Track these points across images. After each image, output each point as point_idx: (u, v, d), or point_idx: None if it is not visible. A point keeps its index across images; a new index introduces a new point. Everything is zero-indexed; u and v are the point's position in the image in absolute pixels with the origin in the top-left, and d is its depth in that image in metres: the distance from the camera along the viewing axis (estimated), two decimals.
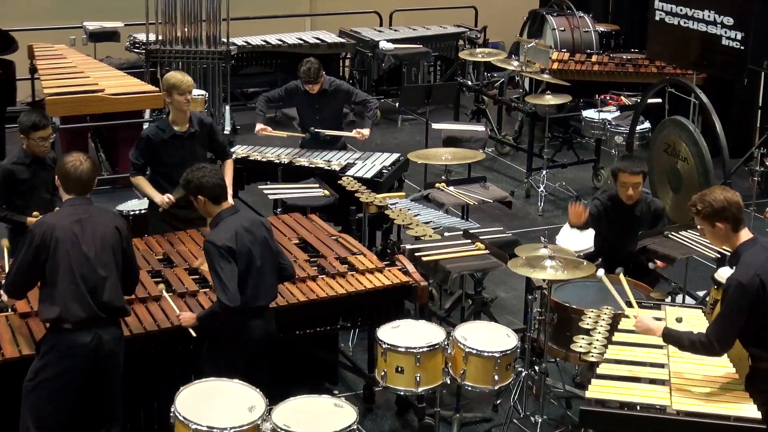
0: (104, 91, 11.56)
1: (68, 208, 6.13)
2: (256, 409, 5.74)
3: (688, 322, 6.41)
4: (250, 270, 6.36)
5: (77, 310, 5.89)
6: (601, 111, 11.55)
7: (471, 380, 6.68)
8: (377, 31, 15.30)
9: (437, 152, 9.73)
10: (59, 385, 5.96)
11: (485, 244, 7.70)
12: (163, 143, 8.09)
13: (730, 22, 12.14)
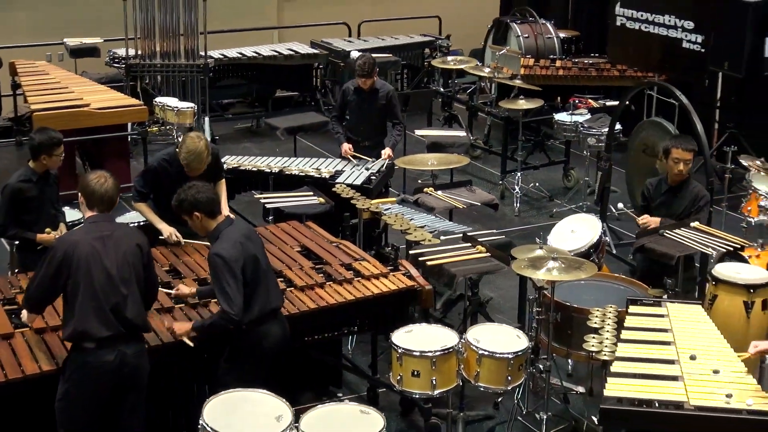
0: (90, 105, 11.35)
1: (90, 225, 5.89)
2: (284, 419, 5.53)
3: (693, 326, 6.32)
4: (259, 275, 6.23)
5: (100, 329, 5.67)
6: (572, 114, 11.43)
7: (484, 381, 6.54)
8: (347, 42, 15.15)
9: (423, 158, 9.59)
10: (87, 404, 5.76)
11: (486, 246, 7.55)
12: (169, 175, 7.80)
13: (690, 26, 12.10)
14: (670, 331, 6.35)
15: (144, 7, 12.85)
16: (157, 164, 7.92)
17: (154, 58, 13.04)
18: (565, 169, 12.15)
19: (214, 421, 5.47)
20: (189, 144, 7.59)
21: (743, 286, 6.84)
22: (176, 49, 13.06)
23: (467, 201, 8.95)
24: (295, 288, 6.99)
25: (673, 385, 5.74)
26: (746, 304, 6.80)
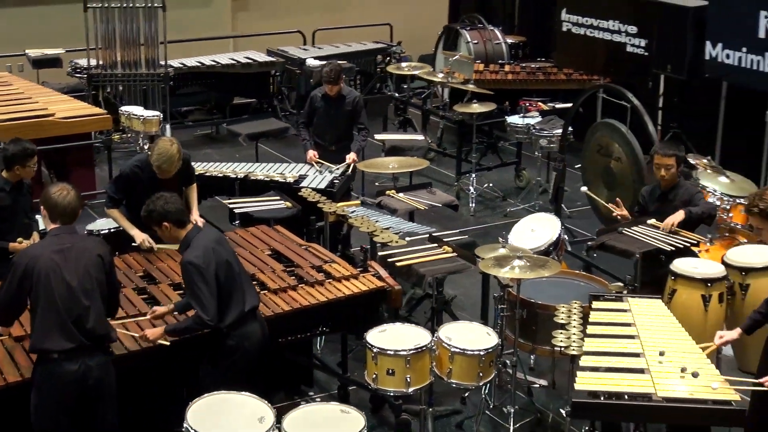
0: (54, 115, 11.14)
1: (52, 239, 5.74)
2: (266, 420, 5.45)
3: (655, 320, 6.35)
4: (234, 278, 6.15)
5: (62, 341, 5.53)
6: (524, 117, 11.44)
7: (457, 378, 6.48)
8: (303, 50, 15.05)
9: (384, 161, 9.54)
10: (54, 414, 5.61)
11: (452, 246, 7.52)
12: (140, 181, 7.69)
13: (634, 31, 12.20)
14: (634, 325, 6.37)
15: (105, 18, 12.69)
16: (129, 170, 7.78)
17: (115, 68, 12.89)
18: (516, 169, 12.16)
19: (198, 424, 5.37)
20: (161, 147, 7.50)
21: (701, 281, 6.84)
22: (137, 59, 12.92)
23: (428, 202, 8.91)
24: (269, 291, 6.92)
25: (641, 378, 5.75)
26: (704, 298, 6.81)
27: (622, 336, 6.22)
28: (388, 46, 15.40)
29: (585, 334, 6.28)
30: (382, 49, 15.35)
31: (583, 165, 9.75)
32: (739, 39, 10.90)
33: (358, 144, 9.74)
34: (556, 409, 7.32)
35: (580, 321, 6.47)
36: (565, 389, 7.53)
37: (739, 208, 8.72)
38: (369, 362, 6.42)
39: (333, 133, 9.80)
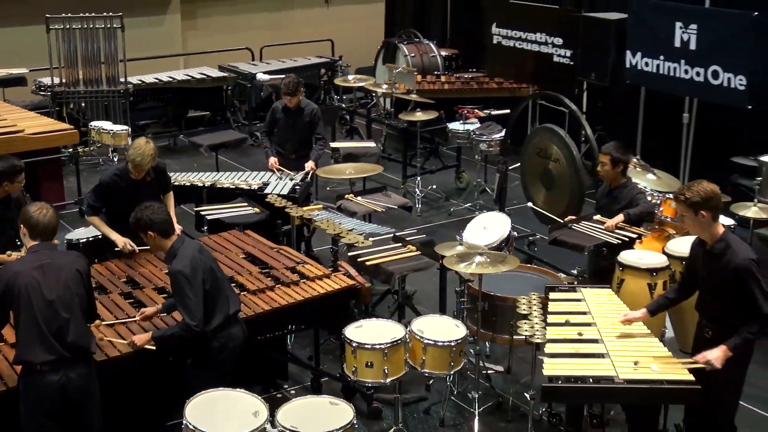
0: (24, 131, 10.84)
1: (31, 255, 5.57)
2: (260, 414, 5.35)
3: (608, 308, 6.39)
4: (219, 284, 6.06)
5: (43, 353, 5.37)
6: (465, 123, 11.44)
7: (429, 368, 6.43)
8: (253, 65, 14.90)
9: (341, 168, 9.44)
10: (41, 420, 5.45)
11: (416, 245, 7.46)
12: (120, 190, 7.53)
13: (560, 42, 12.27)
14: (590, 313, 6.39)
15: (66, 39, 12.41)
16: (109, 179, 7.60)
17: (77, 86, 12.62)
18: (457, 172, 12.13)
19: (197, 421, 5.26)
20: (137, 144, 7.47)
21: (646, 271, 6.88)
22: (98, 77, 12.66)
23: (385, 204, 8.86)
24: (248, 292, 6.80)
25: (602, 362, 5.76)
26: (650, 286, 6.85)
27: (581, 324, 6.23)
28: (332, 60, 15.30)
29: (546, 323, 6.28)
30: (325, 63, 15.24)
31: (523, 167, 9.74)
32: (657, 48, 10.99)
33: (316, 153, 9.64)
34: (514, 393, 7.31)
35: (540, 311, 6.46)
36: (520, 374, 7.57)
37: (668, 203, 8.75)
38: (348, 356, 6.34)
39: (293, 143, 9.69)
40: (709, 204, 5.58)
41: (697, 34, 10.58)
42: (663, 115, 11.72)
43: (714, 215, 5.63)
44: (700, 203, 5.58)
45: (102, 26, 12.43)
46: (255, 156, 13.16)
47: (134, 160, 7.36)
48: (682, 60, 10.77)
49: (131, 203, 7.33)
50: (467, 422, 7.04)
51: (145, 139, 7.54)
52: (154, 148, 7.52)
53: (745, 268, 5.50)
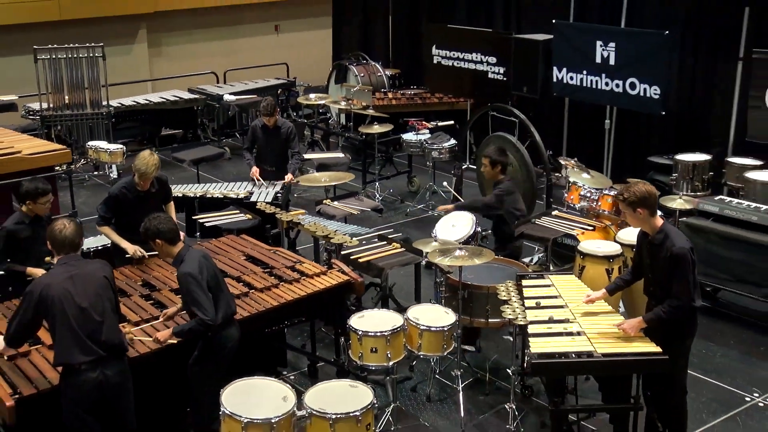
0: (22, 152, 10.49)
1: (60, 267, 5.43)
2: (289, 398, 5.28)
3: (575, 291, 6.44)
4: (221, 287, 5.94)
5: (80, 355, 5.24)
6: (417, 134, 11.44)
7: (425, 351, 6.41)
8: (219, 87, 14.68)
9: (318, 176, 9.31)
10: (81, 415, 5.32)
11: (400, 243, 7.42)
12: (128, 200, 7.38)
13: (494, 61, 12.35)
14: (560, 297, 6.43)
15: (53, 67, 12.08)
16: (118, 191, 7.43)
17: (64, 109, 12.29)
18: (409, 177, 12.12)
19: (234, 407, 5.18)
20: (142, 156, 7.35)
21: (604, 257, 6.95)
22: (83, 101, 12.35)
23: (359, 208, 8.79)
24: (256, 290, 6.70)
25: (580, 339, 5.80)
26: (607, 271, 6.92)
27: (554, 306, 6.27)
28: (288, 81, 15.17)
29: (525, 307, 6.30)
30: (282, 84, 15.10)
31: (479, 170, 9.75)
32: (580, 64, 11.17)
33: (293, 165, 9.53)
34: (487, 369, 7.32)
35: (518, 296, 6.46)
36: (488, 353, 7.59)
37: (604, 198, 8.88)
38: (354, 343, 6.27)
39: (272, 157, 9.58)
40: (645, 203, 5.69)
41: (616, 51, 10.78)
42: (587, 121, 11.90)
43: (651, 211, 5.73)
44: (636, 202, 5.70)
45: (85, 55, 12.14)
46: (226, 169, 13.00)
47: (140, 170, 7.23)
48: (603, 74, 10.96)
49: (138, 213, 7.23)
50: (451, 397, 7.03)
51: (149, 152, 7.40)
52: (158, 160, 7.40)
53: (681, 255, 5.60)
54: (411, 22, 14.55)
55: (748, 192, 9.12)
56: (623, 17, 11.28)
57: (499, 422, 6.72)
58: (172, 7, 16.05)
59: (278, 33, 17.63)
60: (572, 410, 6.00)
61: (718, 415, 6.84)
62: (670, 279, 5.67)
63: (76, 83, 12.23)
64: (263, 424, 5.08)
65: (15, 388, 5.40)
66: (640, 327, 5.75)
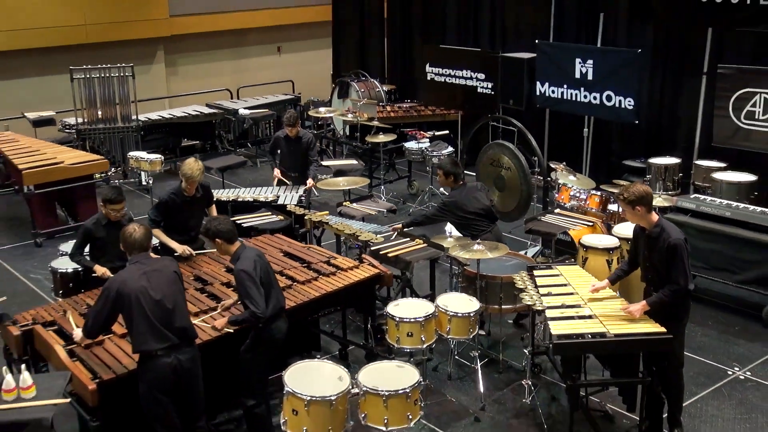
0: (64, 162, 10.47)
1: (134, 266, 5.45)
2: (344, 378, 5.32)
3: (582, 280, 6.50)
4: (272, 283, 5.92)
5: (156, 343, 5.27)
6: (418, 142, 11.49)
7: (454, 334, 6.46)
8: (233, 102, 14.65)
9: (336, 180, 9.35)
10: (158, 397, 5.33)
11: (422, 239, 7.46)
12: (177, 205, 7.38)
13: (482, 77, 12.40)
14: (569, 285, 6.50)
15: (87, 85, 12.00)
16: (167, 197, 7.43)
17: (97, 123, 12.21)
18: (409, 181, 12.17)
19: (297, 387, 5.20)
20: (188, 163, 7.37)
21: (604, 250, 7.05)
22: (114, 115, 12.27)
23: (377, 209, 8.82)
24: (299, 282, 6.72)
25: (593, 322, 5.87)
26: (608, 262, 7.02)
27: (565, 294, 6.34)
28: (296, 97, 15.17)
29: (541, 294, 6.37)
30: (290, 99, 15.09)
31: (478, 175, 9.82)
32: (561, 79, 11.24)
33: (312, 172, 9.57)
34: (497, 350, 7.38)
35: (534, 285, 6.52)
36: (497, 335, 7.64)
37: (592, 197, 8.99)
38: (392, 328, 6.30)
39: (293, 165, 9.60)
40: (642, 201, 5.79)
41: (593, 67, 10.86)
42: (566, 130, 12.00)
43: (647, 208, 5.82)
44: (635, 201, 5.79)
45: (116, 75, 12.06)
46: (243, 176, 12.98)
47: (187, 174, 7.24)
48: (581, 87, 11.03)
49: (185, 216, 7.28)
50: (468, 375, 7.09)
51: (194, 159, 7.40)
52: (202, 166, 7.40)
53: (676, 245, 5.71)
54: (405, 42, 14.59)
55: (715, 190, 9.28)
56: (599, 37, 11.41)
57: (515, 397, 6.80)
58: (186, 31, 15.99)
59: (280, 54, 17.62)
60: (588, 384, 6.06)
61: (706, 387, 6.97)
62: (667, 267, 5.77)
63: (108, 99, 12.12)
64: (324, 402, 5.12)
65: (95, 374, 5.39)
66: (644, 310, 5.84)
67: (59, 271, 7.38)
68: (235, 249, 5.87)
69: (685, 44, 10.64)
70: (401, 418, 5.23)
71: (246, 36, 17.01)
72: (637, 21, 10.98)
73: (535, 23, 12.34)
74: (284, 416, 5.26)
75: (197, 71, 16.44)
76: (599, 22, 11.37)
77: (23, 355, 6.02)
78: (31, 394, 4.93)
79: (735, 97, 9.59)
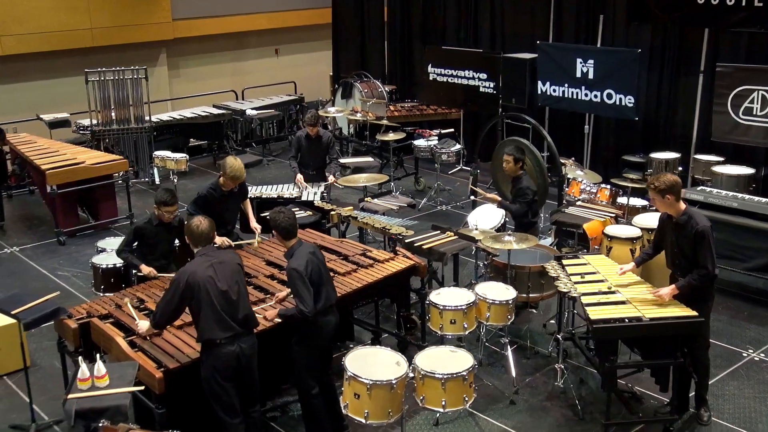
0: (85, 162, 10.46)
1: (201, 258, 5.51)
2: (401, 363, 5.43)
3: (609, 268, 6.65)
4: (323, 280, 5.90)
5: (222, 332, 5.35)
6: (428, 140, 11.61)
7: (493, 321, 6.59)
8: (240, 103, 14.66)
9: (357, 177, 9.43)
10: (219, 384, 5.41)
11: (453, 231, 7.58)
12: (215, 199, 7.47)
13: (484, 77, 12.54)
14: (599, 273, 6.64)
15: (101, 87, 11.97)
16: (206, 192, 7.51)
17: (111, 125, 12.18)
18: (415, 177, 12.25)
19: (357, 370, 5.30)
20: (231, 162, 7.44)
21: (628, 239, 7.21)
22: (127, 116, 12.25)
23: (397, 204, 8.92)
24: (340, 275, 6.81)
25: (628, 307, 6.01)
26: (631, 251, 7.18)
27: (596, 281, 6.47)
28: (299, 97, 15.22)
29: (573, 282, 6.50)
30: (294, 100, 15.14)
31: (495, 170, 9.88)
32: (562, 78, 11.45)
33: (333, 168, 9.67)
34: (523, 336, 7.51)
35: (566, 274, 6.65)
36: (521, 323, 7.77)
37: (602, 190, 9.17)
38: (435, 316, 6.40)
39: (313, 163, 9.68)
40: (672, 190, 5.95)
41: (594, 67, 11.08)
42: (564, 127, 12.20)
43: (676, 197, 5.97)
44: (665, 190, 5.94)
45: (130, 77, 12.04)
46: (252, 174, 13.00)
47: (235, 175, 7.35)
48: (582, 86, 11.25)
49: (223, 210, 7.39)
50: (498, 361, 7.22)
51: (233, 157, 7.48)
52: (242, 164, 7.49)
53: (704, 232, 5.88)
54: (404, 44, 14.69)
55: (715, 183, 9.51)
56: (599, 38, 11.61)
57: (546, 380, 6.95)
58: (188, 34, 15.98)
59: (278, 56, 17.65)
60: (624, 366, 6.19)
61: (724, 369, 7.17)
62: (695, 252, 5.94)
63: (122, 101, 12.10)
64: (385, 385, 5.23)
65: (159, 363, 5.46)
66: (673, 294, 6.01)
67: (101, 267, 7.40)
68: (291, 245, 5.87)
69: (681, 44, 10.86)
70: (458, 400, 5.36)
71: (246, 39, 17.03)
72: (635, 22, 11.18)
73: (534, 25, 12.52)
74: (345, 400, 5.37)
75: (199, 73, 16.44)
76: (599, 23, 11.57)
77: (79, 347, 6.06)
78: (105, 383, 5.00)
79: (733, 94, 9.83)
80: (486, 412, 6.51)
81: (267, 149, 14.29)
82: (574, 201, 9.14)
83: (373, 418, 5.26)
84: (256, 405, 5.71)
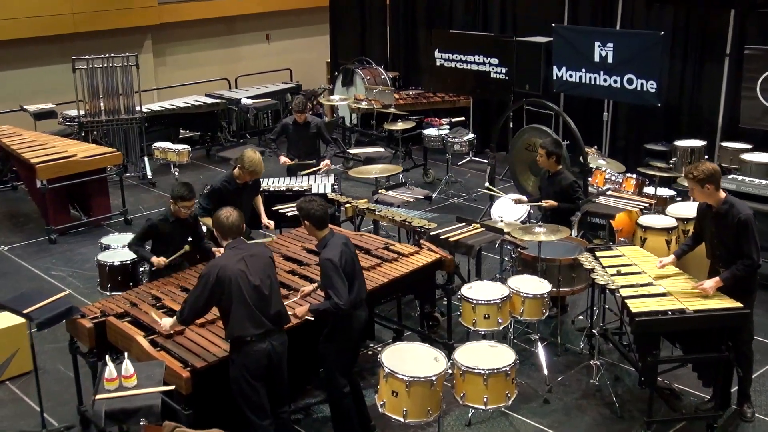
0: (76, 156, 10.52)
1: (231, 251, 5.62)
2: (440, 359, 5.56)
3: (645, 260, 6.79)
4: (355, 272, 6.00)
5: (253, 329, 5.46)
6: (438, 129, 11.73)
7: (527, 315, 6.71)
8: (234, 92, 14.76)
9: (368, 168, 9.54)
10: (248, 383, 5.52)
11: (479, 223, 7.71)
12: (228, 192, 7.61)
13: (496, 62, 12.68)
14: (635, 265, 6.77)
15: (89, 75, 12.03)
16: (220, 185, 7.64)
17: (100, 115, 12.24)
18: (424, 168, 12.37)
19: (394, 366, 5.42)
20: (250, 156, 7.59)
21: (663, 230, 7.37)
22: (117, 107, 12.31)
23: (413, 196, 9.04)
24: (365, 269, 6.87)
25: (669, 299, 6.15)
26: (667, 242, 7.32)
27: (633, 273, 6.61)
28: (296, 85, 15.33)
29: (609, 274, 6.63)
30: (290, 88, 15.25)
31: (513, 159, 10.05)
32: (579, 63, 11.59)
33: (329, 153, 9.85)
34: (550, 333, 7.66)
35: (601, 266, 6.78)
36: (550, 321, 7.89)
37: (628, 180, 9.32)
38: (467, 311, 6.53)
39: (302, 150, 9.86)
40: (711, 179, 6.09)
41: (613, 51, 11.23)
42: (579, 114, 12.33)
43: (716, 186, 6.11)
44: (705, 179, 6.09)
45: (120, 64, 12.10)
46: None
47: (255, 169, 7.51)
48: (600, 71, 11.39)
49: (236, 203, 7.42)
50: (528, 359, 7.35)
51: (252, 150, 7.61)
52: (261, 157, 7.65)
53: (746, 220, 6.04)
54: (408, 28, 14.81)
55: (744, 171, 9.68)
56: (618, 21, 11.77)
57: (580, 378, 7.11)
58: (174, 19, 16.03)
59: (269, 41, 17.73)
60: (668, 360, 6.34)
61: (764, 365, 7.34)
62: (737, 242, 6.10)
63: (111, 90, 12.16)
64: (425, 382, 5.36)
65: (185, 363, 5.57)
66: (717, 286, 6.16)
67: (108, 265, 7.50)
68: (323, 235, 5.93)
69: (705, 26, 11.04)
70: (500, 397, 5.50)
71: (236, 23, 17.10)
72: (656, 3, 11.35)
73: (547, 6, 12.67)
74: (382, 398, 5.49)
75: (187, 61, 16.49)
76: (617, 4, 11.73)
77: (94, 348, 6.15)
78: (133, 383, 5.09)
79: (763, 78, 10.01)
80: (519, 411, 6.65)
81: (263, 140, 14.36)
82: (603, 191, 9.29)
83: (411, 416, 5.39)
84: (286, 405, 5.82)
